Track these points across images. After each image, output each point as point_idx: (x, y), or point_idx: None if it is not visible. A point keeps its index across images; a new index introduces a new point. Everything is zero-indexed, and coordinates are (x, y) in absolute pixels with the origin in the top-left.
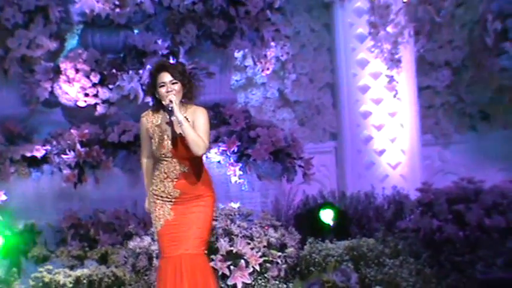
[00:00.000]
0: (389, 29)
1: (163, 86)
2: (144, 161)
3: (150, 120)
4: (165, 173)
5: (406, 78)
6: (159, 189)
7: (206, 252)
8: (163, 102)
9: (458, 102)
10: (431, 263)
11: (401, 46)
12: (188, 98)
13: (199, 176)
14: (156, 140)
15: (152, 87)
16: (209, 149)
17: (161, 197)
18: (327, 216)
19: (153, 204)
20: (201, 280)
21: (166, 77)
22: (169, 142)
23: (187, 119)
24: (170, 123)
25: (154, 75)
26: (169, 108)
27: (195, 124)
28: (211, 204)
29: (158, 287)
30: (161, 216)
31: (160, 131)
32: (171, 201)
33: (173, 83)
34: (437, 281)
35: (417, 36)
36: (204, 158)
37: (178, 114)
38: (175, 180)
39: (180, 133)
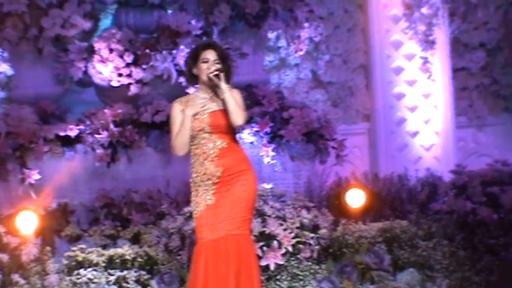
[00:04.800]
0: (423, 10)
1: (206, 62)
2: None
3: (185, 101)
4: (204, 153)
5: (440, 60)
6: (200, 173)
7: (250, 232)
8: (203, 77)
9: (492, 84)
10: (464, 246)
11: (435, 27)
12: (225, 81)
13: (238, 151)
14: (194, 116)
15: (192, 62)
16: (243, 128)
17: (202, 181)
18: (354, 198)
19: (194, 192)
20: (244, 262)
21: (211, 54)
22: (208, 115)
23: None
24: (208, 98)
25: (199, 50)
26: (214, 77)
27: None
28: (254, 181)
29: (195, 271)
30: (201, 201)
31: (195, 108)
32: (213, 184)
33: (216, 63)
34: (471, 264)
35: (452, 17)
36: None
37: (223, 83)
38: (216, 158)
39: (219, 108)
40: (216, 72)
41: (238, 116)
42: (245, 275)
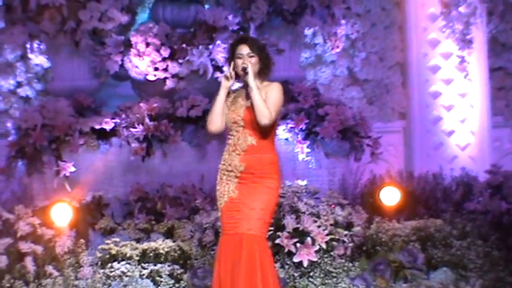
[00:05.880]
0: (461, 9)
1: (240, 57)
2: None
3: (238, 88)
4: (234, 144)
5: (477, 59)
6: (226, 162)
7: (267, 236)
8: (239, 72)
9: None
10: (499, 246)
11: (473, 26)
12: (264, 73)
13: (267, 154)
14: (231, 108)
15: (231, 59)
16: (278, 125)
17: (227, 171)
18: (388, 196)
19: (219, 180)
20: (259, 263)
21: (244, 49)
22: (243, 109)
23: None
24: (246, 94)
25: (233, 46)
26: (244, 72)
27: (267, 96)
28: (277, 188)
29: (216, 263)
30: (225, 193)
31: (236, 100)
32: (236, 177)
33: (250, 56)
34: (505, 264)
35: (490, 16)
36: (275, 139)
37: (251, 79)
38: (243, 153)
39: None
40: (245, 66)
41: (262, 115)
42: (250, 273)
